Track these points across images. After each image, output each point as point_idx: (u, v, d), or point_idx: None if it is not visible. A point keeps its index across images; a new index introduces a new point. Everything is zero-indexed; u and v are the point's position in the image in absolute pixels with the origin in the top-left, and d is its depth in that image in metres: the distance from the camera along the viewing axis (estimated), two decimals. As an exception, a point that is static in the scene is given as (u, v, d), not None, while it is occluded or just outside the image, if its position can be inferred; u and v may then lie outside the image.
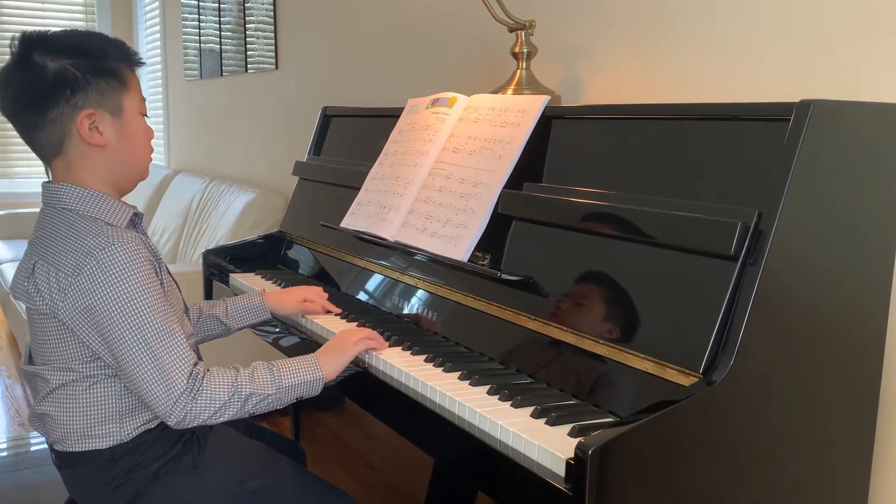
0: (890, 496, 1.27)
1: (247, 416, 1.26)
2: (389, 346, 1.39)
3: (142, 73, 1.37)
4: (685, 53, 1.56)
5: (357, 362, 1.38)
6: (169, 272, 1.37)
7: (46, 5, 5.26)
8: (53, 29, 1.29)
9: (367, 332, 1.38)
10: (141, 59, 1.35)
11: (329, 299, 1.62)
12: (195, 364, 1.23)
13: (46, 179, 1.33)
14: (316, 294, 1.60)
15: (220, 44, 3.94)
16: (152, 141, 1.38)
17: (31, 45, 1.25)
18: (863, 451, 1.22)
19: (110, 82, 1.27)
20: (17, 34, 1.27)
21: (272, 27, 3.37)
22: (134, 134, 1.31)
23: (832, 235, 1.09)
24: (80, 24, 5.32)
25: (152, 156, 1.39)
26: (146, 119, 1.36)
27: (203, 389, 1.20)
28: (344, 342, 1.35)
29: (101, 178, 1.29)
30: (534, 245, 1.36)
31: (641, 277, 1.15)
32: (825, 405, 1.13)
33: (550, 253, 1.31)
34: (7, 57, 1.28)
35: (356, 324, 1.53)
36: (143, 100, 1.34)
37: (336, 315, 1.59)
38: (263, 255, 2.11)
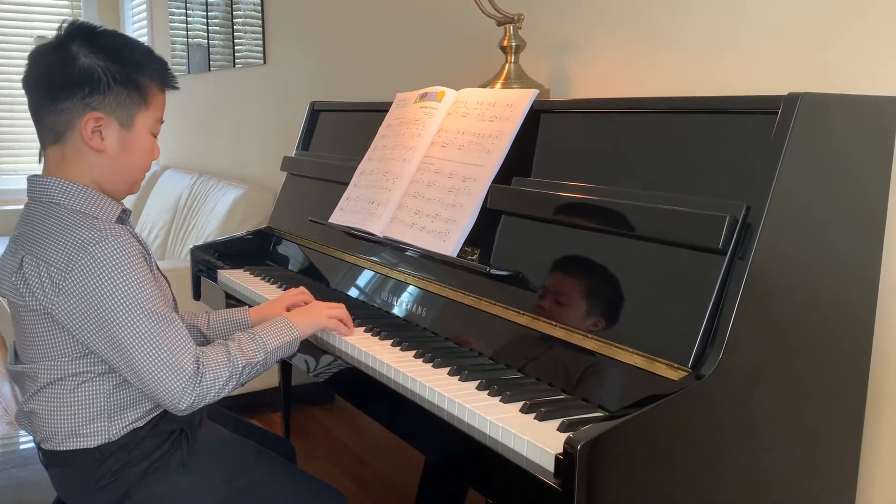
0: (878, 487, 1.28)
1: (241, 385, 1.30)
2: (379, 341, 1.39)
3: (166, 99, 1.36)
4: (673, 47, 1.56)
5: (347, 358, 1.38)
6: (158, 268, 1.37)
7: (32, -3, 5.21)
8: (104, 26, 1.30)
9: (340, 311, 1.43)
10: (176, 83, 1.35)
11: (318, 295, 1.61)
12: (195, 348, 1.25)
13: (33, 174, 1.32)
14: (300, 297, 1.59)
15: (208, 38, 3.91)
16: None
17: (75, 33, 1.26)
18: (851, 443, 1.23)
19: (132, 94, 1.27)
20: (67, 19, 1.28)
21: (260, 21, 3.35)
22: (135, 150, 1.31)
23: (820, 228, 1.09)
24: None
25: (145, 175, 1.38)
26: (156, 140, 1.35)
27: (207, 371, 1.23)
28: (318, 311, 1.42)
29: (91, 179, 1.29)
30: (523, 240, 1.35)
31: (630, 271, 1.15)
32: (814, 398, 1.14)
33: (539, 247, 1.31)
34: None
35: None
36: (161, 121, 1.34)
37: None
38: (252, 251, 2.10)
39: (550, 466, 0.93)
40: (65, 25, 1.27)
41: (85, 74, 1.24)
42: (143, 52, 1.31)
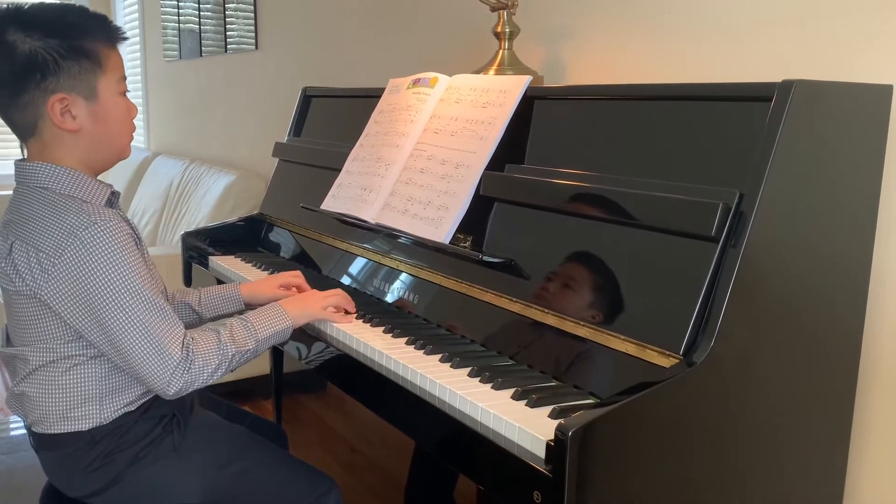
0: (867, 476, 1.29)
1: (231, 371, 1.30)
2: (371, 328, 1.38)
3: (120, 53, 1.33)
4: (667, 34, 1.56)
5: (339, 345, 1.37)
6: (146, 250, 1.36)
7: (21, -16, 5.14)
8: (30, 1, 1.25)
9: (338, 298, 1.41)
10: (123, 34, 1.31)
11: (310, 282, 1.60)
12: (185, 334, 1.24)
13: (20, 158, 1.30)
14: (294, 280, 1.58)
15: (200, 24, 3.88)
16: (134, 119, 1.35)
17: (6, 21, 1.21)
18: (841, 431, 1.23)
19: (83, 65, 1.24)
20: None
21: (252, 7, 3.33)
22: (110, 117, 1.28)
23: (813, 216, 1.09)
24: None
25: (133, 135, 1.36)
26: (127, 96, 1.32)
27: (196, 357, 1.23)
28: (313, 301, 1.40)
29: (77, 160, 1.27)
30: (515, 227, 1.35)
31: (622, 259, 1.14)
32: (804, 386, 1.14)
33: (532, 235, 1.30)
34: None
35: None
36: (124, 78, 1.31)
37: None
38: (244, 237, 2.10)
39: (541, 453, 0.94)
40: None
41: (29, 62, 1.20)
42: (79, 15, 1.26)
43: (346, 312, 1.43)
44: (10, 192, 1.32)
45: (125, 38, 1.32)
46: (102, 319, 1.19)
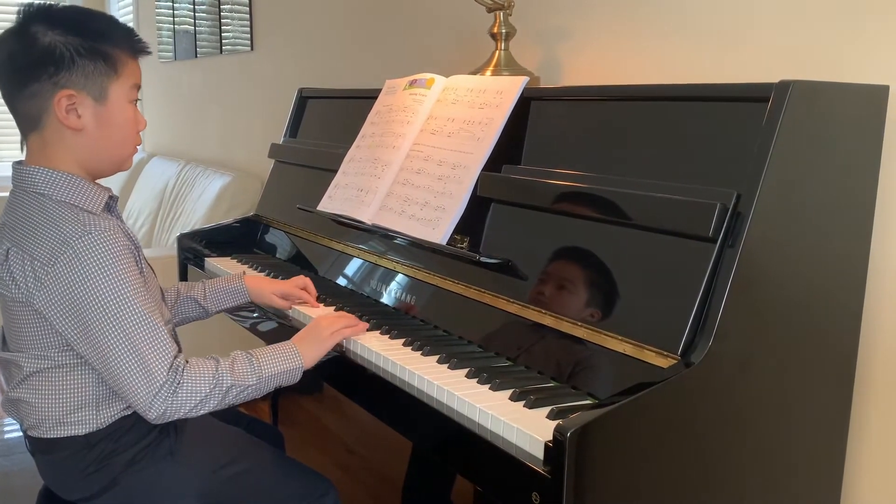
0: (865, 475, 1.29)
1: (226, 406, 1.24)
2: (368, 330, 1.38)
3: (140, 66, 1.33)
4: (664, 35, 1.56)
5: (335, 346, 1.37)
6: (146, 260, 1.35)
7: (15, -16, 5.13)
8: (64, 4, 1.26)
9: (344, 320, 1.36)
10: (146, 47, 1.31)
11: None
12: (175, 356, 1.20)
13: (17, 160, 1.29)
14: (297, 293, 1.56)
15: (195, 25, 3.87)
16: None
17: (34, 15, 1.22)
18: (838, 430, 1.24)
19: (99, 66, 1.23)
20: (26, 2, 1.25)
21: (247, 7, 3.32)
22: (115, 123, 1.27)
23: (810, 217, 1.09)
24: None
25: (137, 149, 1.35)
26: (138, 109, 1.32)
27: (184, 382, 1.18)
28: (321, 332, 1.33)
29: (75, 161, 1.26)
30: (513, 228, 1.35)
31: (620, 259, 1.14)
32: (802, 386, 1.14)
33: (529, 235, 1.30)
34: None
35: (334, 308, 1.51)
36: (138, 87, 1.30)
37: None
38: (239, 238, 2.09)
39: (540, 454, 0.93)
40: (23, 9, 1.23)
41: (47, 53, 1.20)
42: (104, 22, 1.27)
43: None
44: (6, 195, 1.31)
45: (148, 52, 1.32)
46: (90, 331, 1.17)
